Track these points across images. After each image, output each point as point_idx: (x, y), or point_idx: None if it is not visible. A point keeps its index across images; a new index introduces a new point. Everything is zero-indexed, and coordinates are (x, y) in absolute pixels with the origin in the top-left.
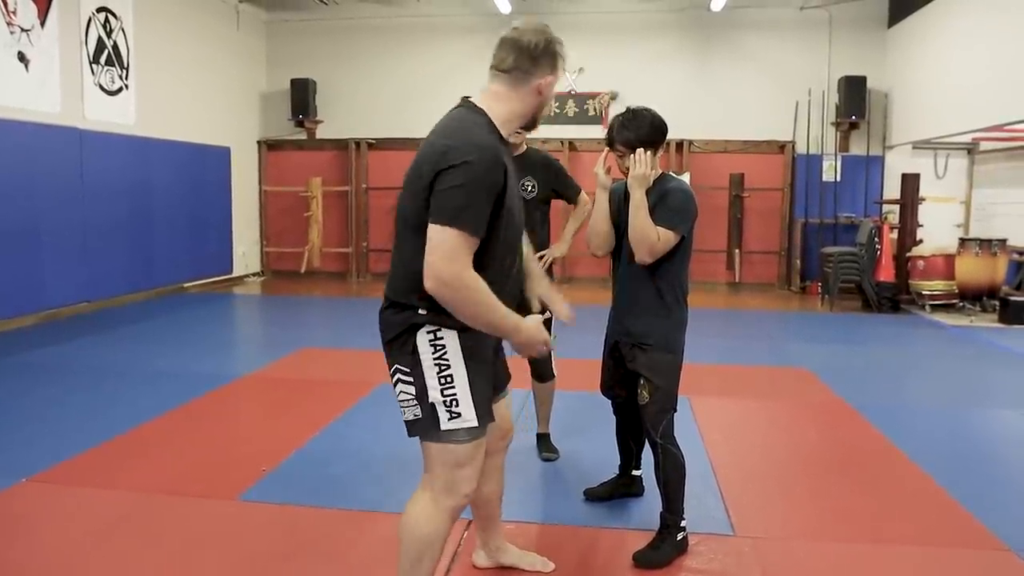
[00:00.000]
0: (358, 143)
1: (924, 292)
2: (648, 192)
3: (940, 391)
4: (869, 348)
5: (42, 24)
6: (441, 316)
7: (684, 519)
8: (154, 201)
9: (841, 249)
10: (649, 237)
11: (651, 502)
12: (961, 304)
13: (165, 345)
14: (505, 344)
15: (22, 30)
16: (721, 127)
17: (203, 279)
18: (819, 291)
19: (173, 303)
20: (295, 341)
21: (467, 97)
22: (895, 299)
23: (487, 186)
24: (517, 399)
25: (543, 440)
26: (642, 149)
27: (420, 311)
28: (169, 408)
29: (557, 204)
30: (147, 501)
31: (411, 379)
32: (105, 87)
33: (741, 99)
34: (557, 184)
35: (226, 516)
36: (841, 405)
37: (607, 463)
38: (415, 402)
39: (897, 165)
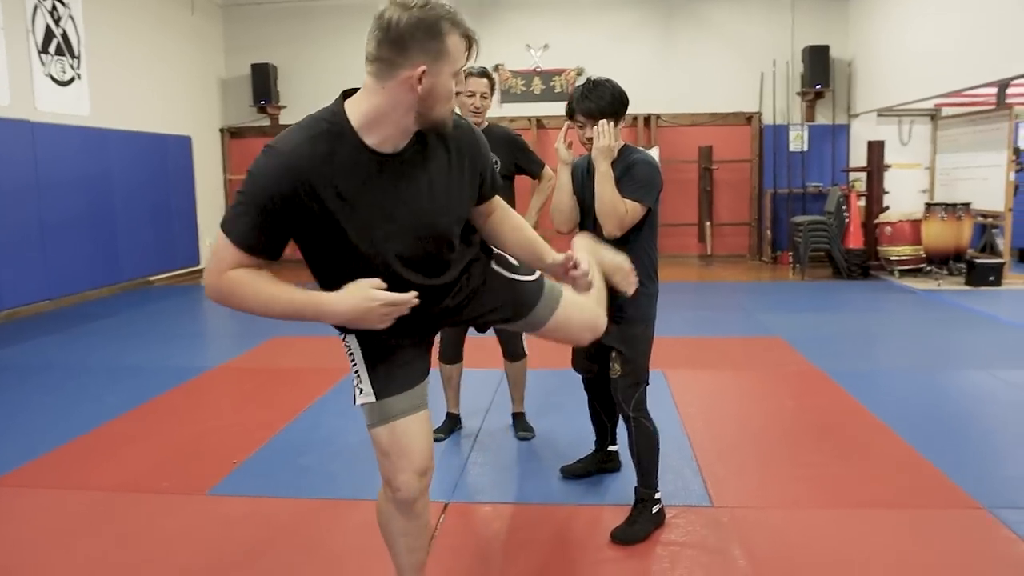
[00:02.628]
0: None
1: (892, 258)
2: (612, 165)
3: (911, 354)
4: (841, 315)
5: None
6: None
7: (659, 492)
8: (114, 193)
9: (810, 218)
10: (618, 210)
11: (628, 477)
12: (928, 268)
13: (131, 340)
14: None
15: None
16: (688, 100)
17: (169, 272)
18: (790, 261)
19: (139, 297)
20: (266, 331)
21: (350, 89)
22: (864, 266)
23: (263, 199)
24: (491, 379)
25: (518, 419)
26: (604, 120)
27: None
28: (137, 404)
29: (523, 182)
30: (114, 500)
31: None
32: (56, 77)
33: (707, 72)
34: (520, 160)
35: (195, 512)
36: (815, 372)
37: (583, 440)
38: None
39: (862, 133)
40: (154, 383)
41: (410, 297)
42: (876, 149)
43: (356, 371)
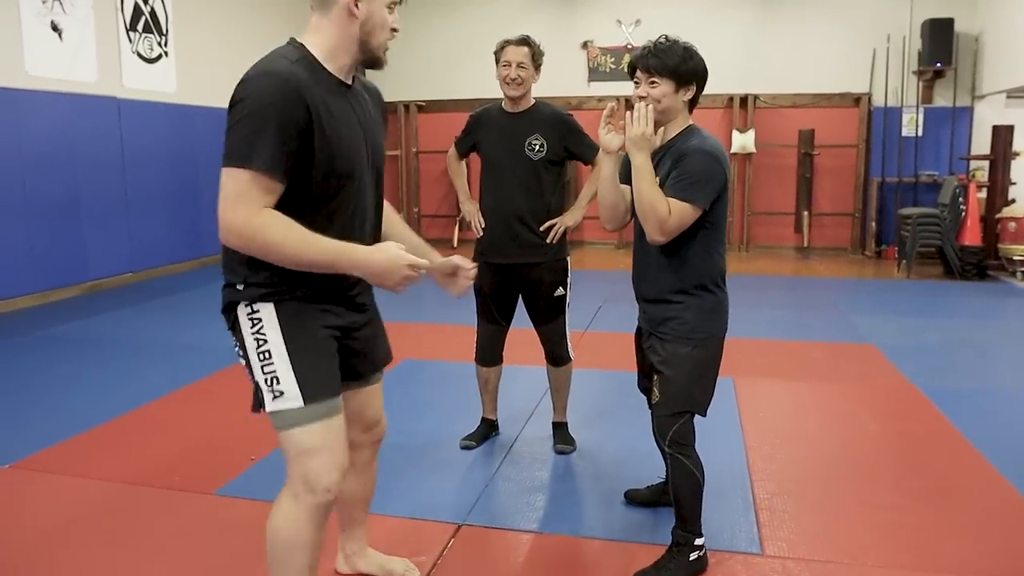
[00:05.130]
0: (407, 106)
1: (1015, 257)
2: (663, 153)
3: None
4: (948, 321)
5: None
6: (256, 288)
7: (701, 536)
8: (198, 170)
9: (920, 210)
10: (658, 211)
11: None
12: None
13: (195, 317)
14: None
15: None
16: (789, 80)
17: None
18: (896, 256)
19: (218, 273)
20: None
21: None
22: (981, 265)
23: (278, 116)
24: (541, 379)
25: (559, 430)
26: (642, 103)
27: (237, 286)
28: (179, 386)
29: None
30: (122, 493)
31: (243, 359)
32: (143, 55)
33: (811, 48)
34: (570, 142)
35: (195, 514)
36: (909, 390)
37: (629, 458)
38: (252, 383)
39: (988, 117)
40: (202, 364)
41: (426, 262)
42: (1003, 134)
43: (268, 368)
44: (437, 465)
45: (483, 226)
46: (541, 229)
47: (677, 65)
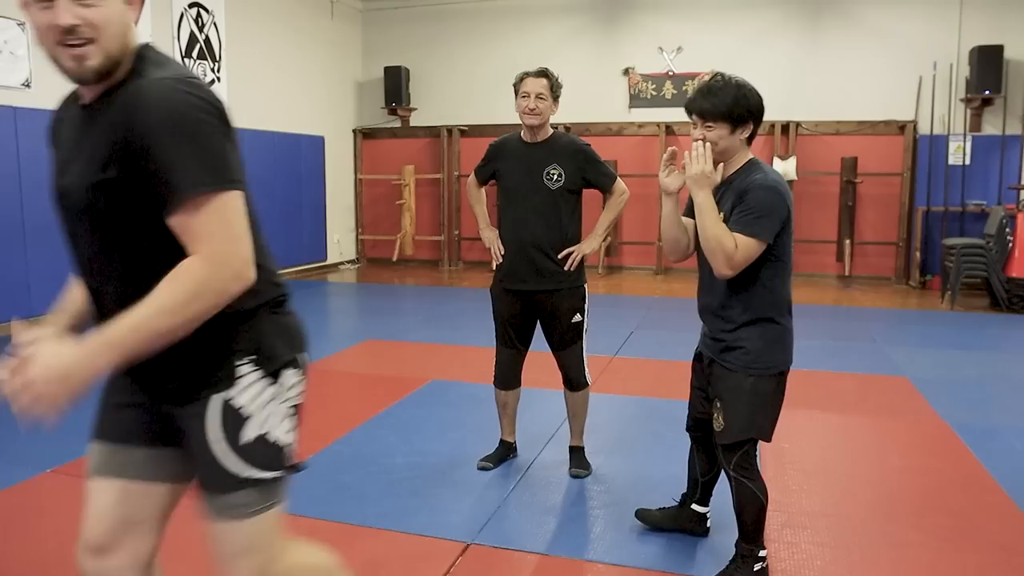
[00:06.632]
0: (450, 130)
1: None
2: (726, 187)
3: None
4: (988, 355)
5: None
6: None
7: (764, 549)
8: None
9: (965, 240)
10: (724, 247)
11: (708, 545)
12: None
13: None
14: None
15: None
16: (832, 106)
17: (297, 267)
18: (941, 287)
19: None
20: (365, 332)
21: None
22: None
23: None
24: (555, 404)
25: (575, 454)
26: (700, 143)
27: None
28: None
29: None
30: None
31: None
32: None
33: (855, 75)
34: (589, 172)
35: None
36: (939, 425)
37: (643, 483)
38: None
39: None
40: None
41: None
42: None
43: None
44: (453, 484)
45: (502, 253)
46: (559, 257)
47: (731, 108)
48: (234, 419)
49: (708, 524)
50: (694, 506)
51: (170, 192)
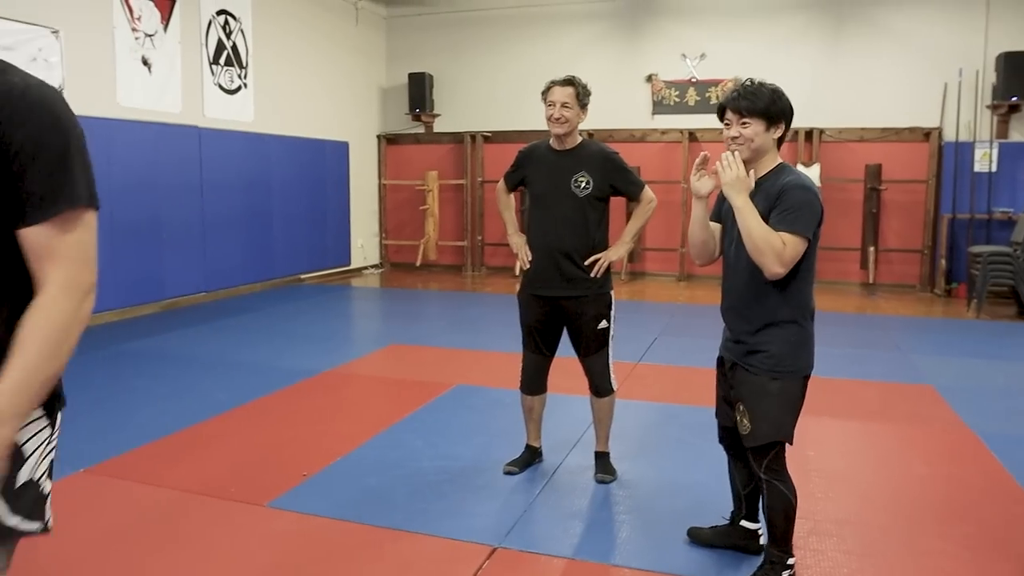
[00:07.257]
0: (474, 136)
1: None
2: (758, 190)
3: None
4: (1015, 364)
5: (165, 29)
6: None
7: (793, 556)
8: (272, 195)
9: (990, 248)
10: (773, 245)
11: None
12: None
13: (261, 336)
14: None
15: (146, 35)
16: (856, 113)
17: (320, 271)
18: (966, 295)
19: (287, 294)
20: (388, 336)
21: None
22: None
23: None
24: (582, 410)
25: (600, 459)
26: (729, 153)
27: None
28: (241, 403)
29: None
30: (181, 501)
31: None
32: (224, 86)
33: (879, 82)
34: (616, 180)
35: (248, 523)
36: (965, 433)
37: (668, 490)
38: None
39: None
40: (264, 383)
41: None
42: None
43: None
44: (479, 489)
45: (530, 259)
46: (586, 263)
47: (768, 106)
48: (14, 458)
49: (761, 541)
50: (743, 523)
51: (38, 203)
